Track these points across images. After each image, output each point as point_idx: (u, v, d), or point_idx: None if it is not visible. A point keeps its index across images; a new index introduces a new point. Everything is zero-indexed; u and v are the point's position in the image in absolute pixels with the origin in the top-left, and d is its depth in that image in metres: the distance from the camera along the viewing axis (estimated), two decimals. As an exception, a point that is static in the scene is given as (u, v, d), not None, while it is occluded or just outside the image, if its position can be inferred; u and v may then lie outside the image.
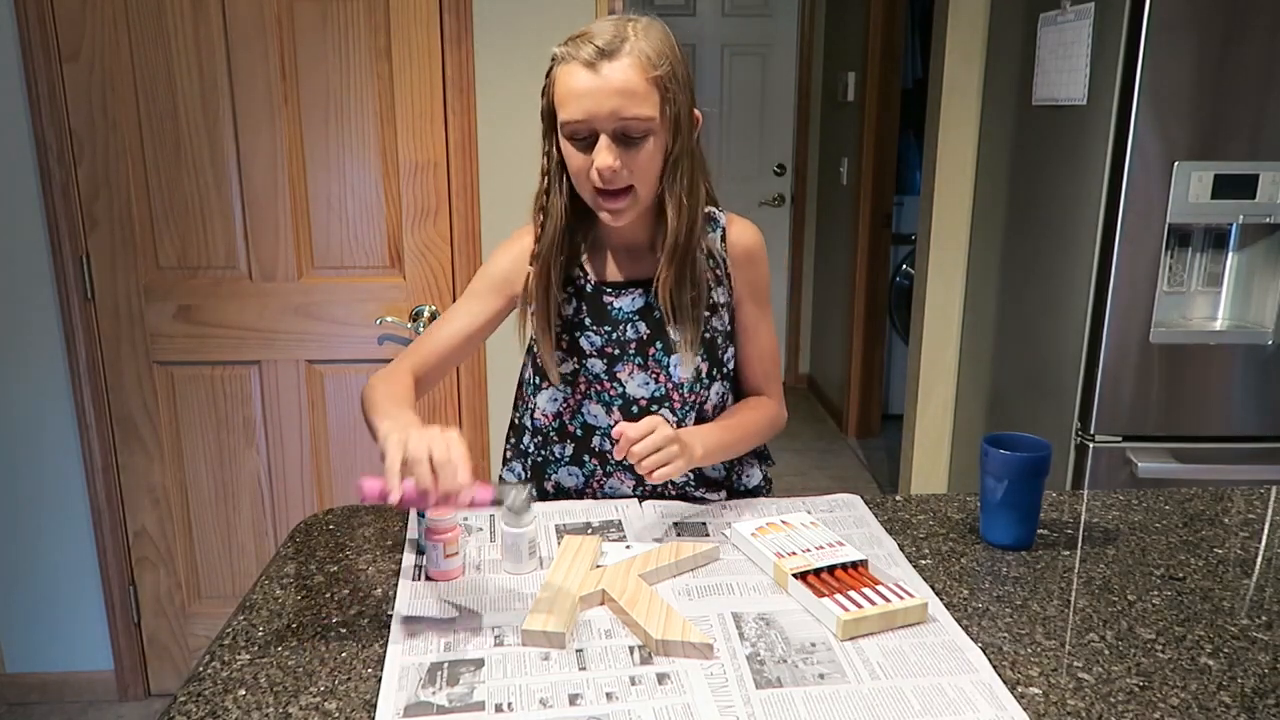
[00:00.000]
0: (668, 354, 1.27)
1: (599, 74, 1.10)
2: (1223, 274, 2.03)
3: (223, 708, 0.89)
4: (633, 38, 1.11)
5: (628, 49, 1.10)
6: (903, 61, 3.95)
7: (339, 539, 1.23)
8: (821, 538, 1.16)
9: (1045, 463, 1.19)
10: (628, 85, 1.10)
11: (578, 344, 1.28)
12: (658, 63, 1.11)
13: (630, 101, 1.10)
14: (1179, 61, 1.84)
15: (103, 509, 2.26)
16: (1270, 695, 0.90)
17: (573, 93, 1.11)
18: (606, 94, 1.10)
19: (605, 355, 1.28)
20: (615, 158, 1.12)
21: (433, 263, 2.19)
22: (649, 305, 1.26)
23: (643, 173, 1.15)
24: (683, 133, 1.17)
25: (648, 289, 1.26)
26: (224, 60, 2.06)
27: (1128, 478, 2.02)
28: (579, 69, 1.11)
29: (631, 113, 1.11)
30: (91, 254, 2.14)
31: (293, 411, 2.25)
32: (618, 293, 1.27)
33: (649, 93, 1.11)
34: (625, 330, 1.27)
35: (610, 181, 1.13)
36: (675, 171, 1.17)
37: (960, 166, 2.66)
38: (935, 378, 2.82)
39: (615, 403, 1.30)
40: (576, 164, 1.15)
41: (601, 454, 1.33)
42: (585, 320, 1.28)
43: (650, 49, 1.11)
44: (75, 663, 2.37)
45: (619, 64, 1.10)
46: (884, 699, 0.89)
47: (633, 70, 1.10)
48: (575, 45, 1.12)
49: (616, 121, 1.11)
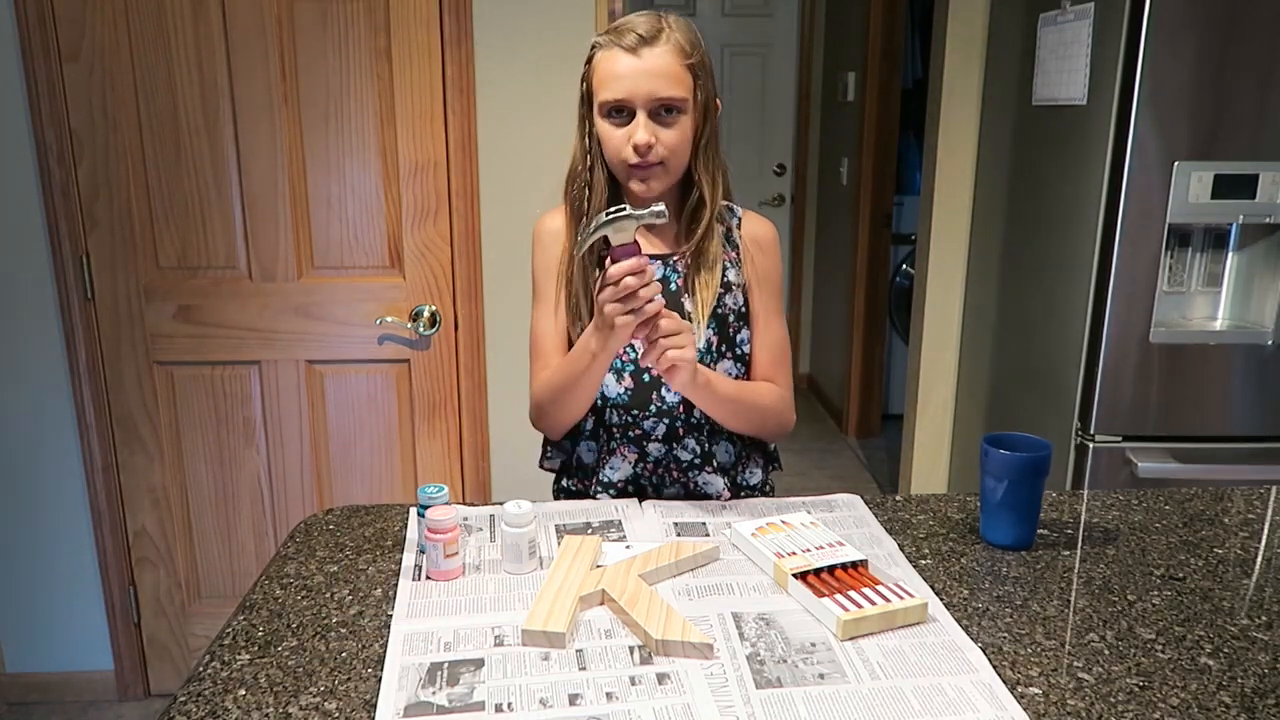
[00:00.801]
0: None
1: (640, 58, 1.22)
2: (1223, 274, 2.03)
3: (223, 708, 0.89)
4: (669, 29, 1.25)
5: (665, 38, 1.23)
6: (903, 61, 3.95)
7: (339, 539, 1.24)
8: (821, 538, 1.16)
9: (1045, 463, 1.19)
10: (666, 68, 1.23)
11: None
12: (691, 52, 1.25)
13: (667, 83, 1.23)
14: (1179, 61, 1.84)
15: (103, 509, 2.26)
16: (1270, 695, 0.90)
17: (615, 74, 1.23)
18: (647, 75, 1.22)
19: None
20: (651, 133, 1.23)
21: (433, 263, 2.19)
22: (665, 278, 1.32)
23: (675, 148, 1.25)
24: (710, 117, 1.29)
25: (664, 263, 1.33)
26: (224, 60, 2.06)
27: (1128, 478, 2.01)
28: (621, 54, 1.23)
29: (668, 93, 1.23)
30: (91, 254, 2.14)
31: (293, 411, 2.25)
32: None
33: (683, 76, 1.24)
34: None
35: (645, 155, 1.23)
36: (707, 150, 1.30)
37: (960, 166, 2.66)
38: (935, 378, 2.82)
39: (627, 369, 1.34)
40: (615, 140, 1.25)
41: (609, 427, 1.36)
42: None
43: (684, 40, 1.25)
44: (75, 663, 2.37)
45: (658, 49, 1.23)
46: (884, 699, 0.89)
47: (670, 56, 1.23)
48: (618, 34, 1.24)
49: (654, 101, 1.23)
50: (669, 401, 1.33)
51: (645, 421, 1.34)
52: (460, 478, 2.32)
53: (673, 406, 1.33)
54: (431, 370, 2.25)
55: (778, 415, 1.36)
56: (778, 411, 1.36)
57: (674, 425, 1.34)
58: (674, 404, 1.33)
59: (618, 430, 1.36)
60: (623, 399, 1.34)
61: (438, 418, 2.28)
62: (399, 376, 2.25)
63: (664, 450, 1.35)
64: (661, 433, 1.34)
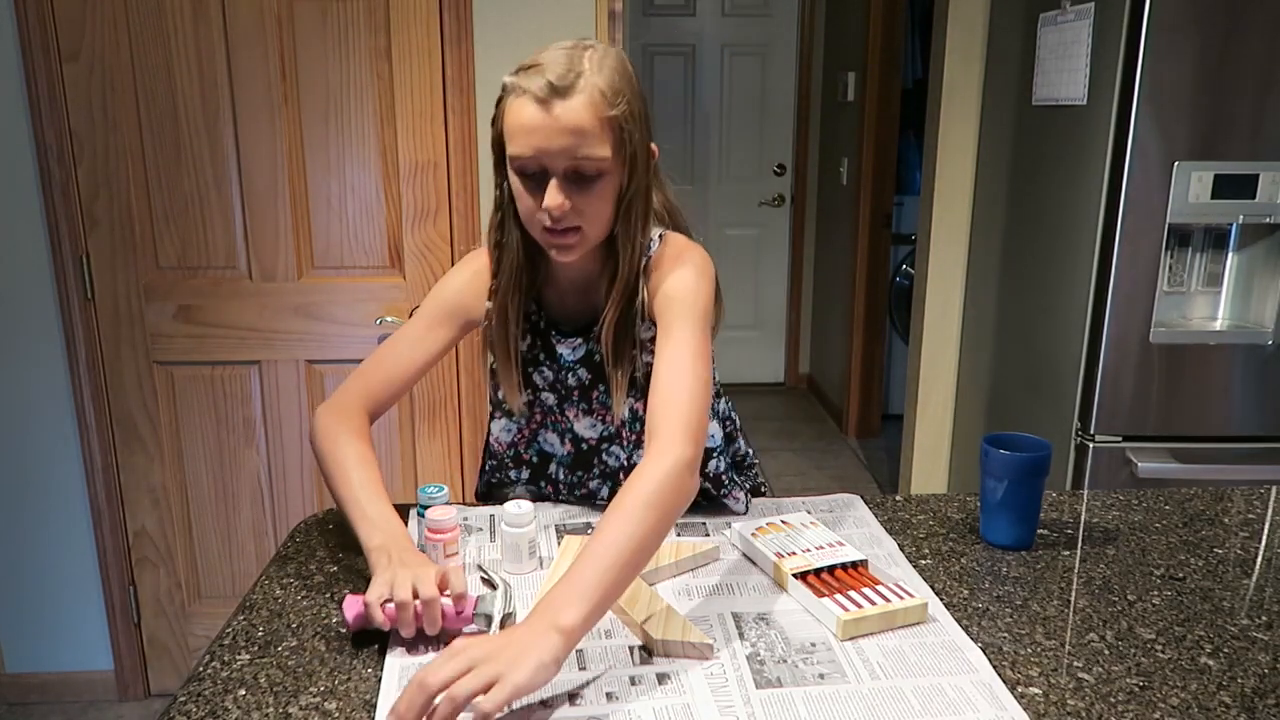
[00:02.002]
0: (609, 394, 1.21)
1: (550, 112, 1.03)
2: (1223, 274, 2.03)
3: (223, 708, 0.89)
4: (587, 71, 1.04)
5: (581, 85, 1.03)
6: (903, 61, 3.95)
7: (339, 539, 1.23)
8: (821, 538, 1.16)
9: (1045, 463, 1.19)
10: (580, 124, 1.03)
11: (531, 378, 1.26)
12: (613, 100, 1.04)
13: (583, 141, 1.04)
14: (1179, 61, 1.84)
15: (103, 509, 2.26)
16: (1270, 695, 0.90)
17: (523, 128, 1.04)
18: (558, 132, 1.03)
19: (555, 391, 1.27)
20: (565, 198, 1.05)
21: (433, 263, 2.19)
22: (590, 352, 1.22)
23: (593, 213, 1.08)
24: (638, 171, 1.10)
25: (587, 335, 1.22)
26: (224, 60, 2.06)
27: (1128, 478, 2.01)
28: (530, 104, 1.03)
29: (584, 153, 1.04)
30: (91, 254, 2.14)
31: (293, 411, 2.25)
32: (562, 338, 1.24)
33: (603, 132, 1.04)
34: (568, 377, 1.25)
35: (559, 221, 1.07)
36: (629, 213, 1.11)
37: (960, 166, 2.66)
38: (935, 378, 2.82)
39: (567, 434, 1.29)
40: (525, 201, 1.09)
41: (556, 481, 1.32)
42: (540, 355, 1.25)
43: (605, 84, 1.04)
44: (75, 663, 2.37)
45: (573, 101, 1.03)
46: (884, 699, 0.89)
47: (586, 109, 1.03)
48: (527, 76, 1.04)
49: (568, 160, 1.04)
50: (610, 465, 1.29)
51: (591, 482, 1.31)
52: (460, 478, 2.32)
53: (614, 470, 1.29)
54: (431, 370, 2.24)
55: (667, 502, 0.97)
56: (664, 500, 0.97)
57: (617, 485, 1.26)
58: (616, 468, 1.28)
59: (564, 486, 1.32)
60: (567, 460, 1.30)
61: (438, 418, 2.28)
62: (399, 376, 2.25)
63: None
64: (606, 493, 1.30)
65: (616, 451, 1.28)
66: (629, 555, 0.92)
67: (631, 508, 0.95)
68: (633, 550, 0.93)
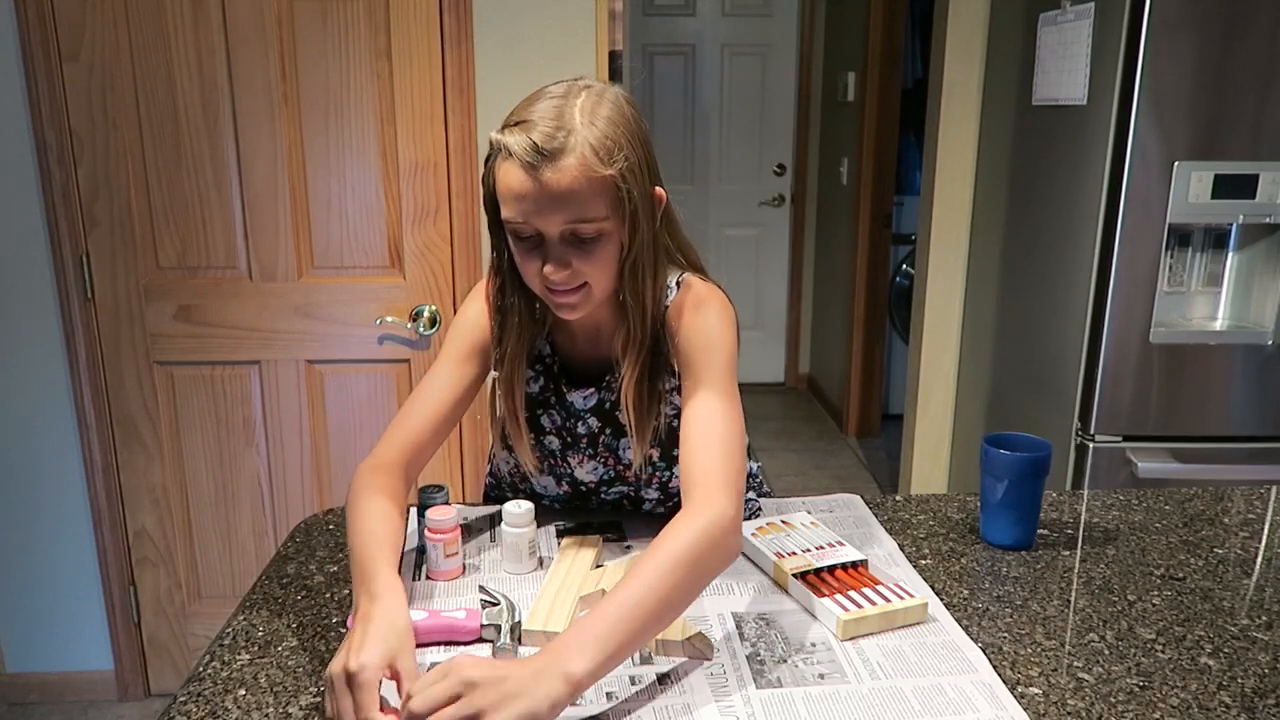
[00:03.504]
0: (617, 438, 1.20)
1: (539, 179, 0.96)
2: (1223, 274, 2.03)
3: (223, 708, 0.89)
4: (578, 127, 0.97)
5: (572, 144, 0.96)
6: (903, 61, 3.95)
7: (339, 539, 1.23)
8: (821, 538, 1.16)
9: (1045, 463, 1.19)
10: (573, 189, 0.97)
11: (538, 421, 1.22)
12: (606, 159, 0.97)
13: (577, 206, 0.98)
14: (1179, 61, 1.84)
15: (103, 509, 2.26)
16: (1270, 695, 0.90)
17: (513, 194, 0.99)
18: (549, 200, 0.97)
19: (561, 438, 1.23)
20: (565, 263, 1.01)
21: (433, 263, 2.19)
22: (601, 400, 1.19)
23: (597, 273, 1.03)
24: (641, 225, 1.03)
25: (599, 385, 1.18)
26: (224, 60, 2.06)
27: (1128, 478, 2.01)
28: (517, 169, 0.98)
29: (579, 216, 0.99)
30: (91, 254, 2.14)
31: (293, 411, 2.25)
32: (574, 387, 1.20)
33: (598, 194, 0.98)
34: (577, 425, 1.21)
35: (560, 285, 1.03)
36: (635, 271, 1.05)
37: (960, 166, 2.66)
38: (935, 378, 2.82)
39: (565, 478, 1.26)
40: (525, 267, 1.05)
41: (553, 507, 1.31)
42: (550, 399, 1.22)
43: (597, 141, 0.97)
44: (75, 663, 2.37)
45: (562, 165, 0.96)
46: (884, 699, 0.89)
47: (578, 171, 0.96)
48: (513, 135, 0.98)
49: (563, 225, 0.99)
50: (609, 501, 1.28)
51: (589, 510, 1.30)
52: (460, 478, 2.32)
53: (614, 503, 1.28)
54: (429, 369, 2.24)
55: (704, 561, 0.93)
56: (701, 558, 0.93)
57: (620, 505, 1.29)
58: (614, 501, 1.28)
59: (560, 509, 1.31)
60: (562, 499, 1.30)
61: (438, 418, 2.27)
62: (399, 376, 2.25)
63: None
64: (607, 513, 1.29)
65: (618, 490, 1.26)
66: (652, 611, 0.87)
67: (663, 562, 0.90)
68: (657, 606, 0.88)
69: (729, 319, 1.12)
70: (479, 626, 0.98)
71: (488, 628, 0.98)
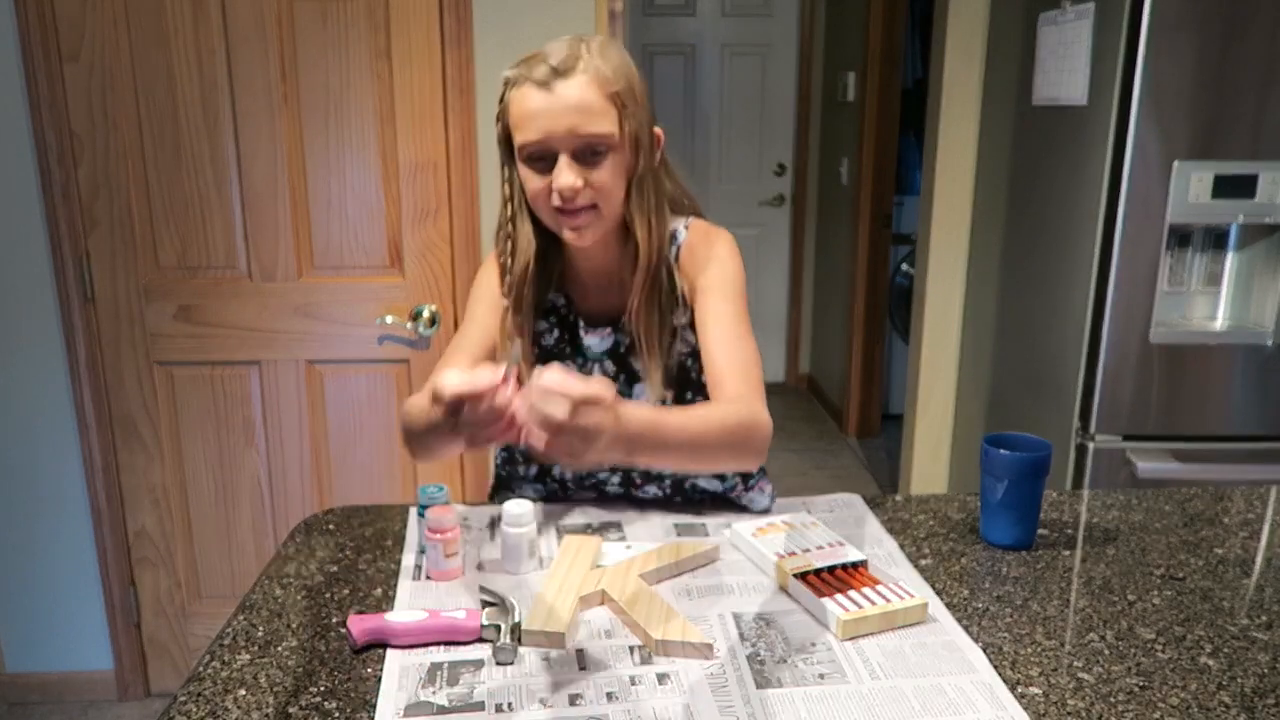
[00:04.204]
0: (631, 384, 1.23)
1: (553, 92, 1.06)
2: (1223, 274, 2.03)
3: (223, 708, 0.89)
4: (586, 55, 1.07)
5: (582, 66, 1.06)
6: (903, 61, 3.95)
7: (339, 539, 1.24)
8: (821, 538, 1.16)
9: (1045, 463, 1.19)
10: (584, 102, 1.06)
11: None
12: (614, 80, 1.08)
13: (587, 118, 1.06)
14: (1179, 61, 1.84)
15: (103, 509, 2.26)
16: (1270, 695, 0.90)
17: (528, 114, 1.07)
18: (562, 111, 1.06)
19: None
20: (576, 176, 1.07)
21: (433, 263, 2.19)
22: (617, 343, 1.23)
23: (605, 190, 1.10)
24: (643, 150, 1.12)
25: (616, 325, 1.22)
26: (224, 60, 2.06)
27: (1128, 478, 2.01)
28: (532, 90, 1.07)
29: (589, 129, 1.07)
30: (91, 254, 2.14)
31: (293, 411, 2.25)
32: (590, 328, 1.24)
33: (606, 109, 1.07)
34: (593, 369, 1.24)
35: (571, 200, 1.08)
36: (641, 192, 1.13)
37: (960, 166, 2.66)
38: (935, 378, 2.82)
39: None
40: (535, 186, 1.10)
41: (563, 481, 1.33)
42: (565, 350, 1.26)
43: (605, 66, 1.08)
44: (75, 663, 2.37)
45: (574, 81, 1.06)
46: (884, 699, 0.89)
47: (588, 87, 1.06)
48: (528, 66, 1.08)
49: (574, 139, 1.07)
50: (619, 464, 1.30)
51: (599, 473, 1.31)
52: (460, 478, 2.32)
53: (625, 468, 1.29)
54: (431, 370, 2.24)
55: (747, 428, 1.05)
56: (740, 419, 1.04)
57: (630, 475, 1.30)
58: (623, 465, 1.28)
59: (571, 483, 1.32)
60: None
61: (438, 418, 2.27)
62: (399, 376, 2.25)
63: (622, 491, 1.32)
64: (618, 481, 1.31)
65: None
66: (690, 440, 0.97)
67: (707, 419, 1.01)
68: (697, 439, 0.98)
69: (738, 253, 1.21)
70: (479, 626, 0.98)
71: (488, 628, 0.98)
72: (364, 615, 0.99)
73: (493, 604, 1.02)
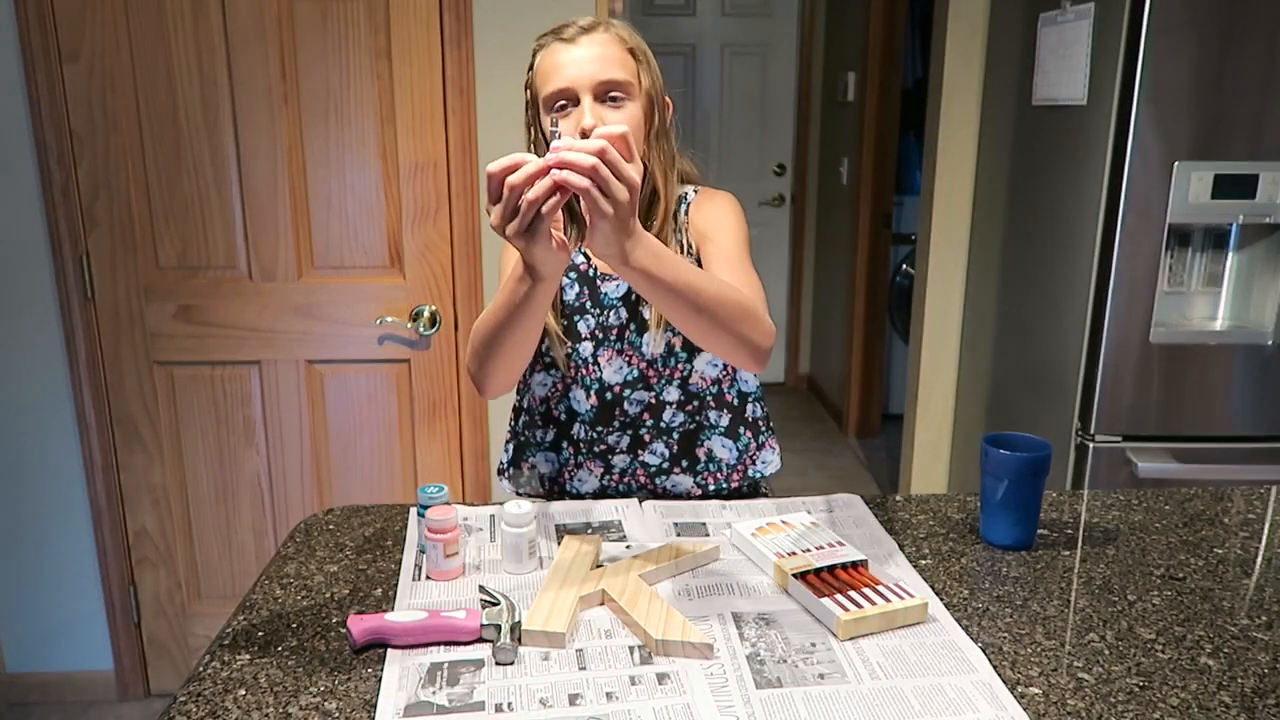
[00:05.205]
0: (640, 333, 1.30)
1: (580, 45, 1.20)
2: (1223, 274, 2.03)
3: (223, 708, 0.89)
4: (608, 22, 1.24)
5: (604, 27, 1.23)
6: (903, 61, 3.95)
7: (339, 539, 1.23)
8: (821, 538, 1.16)
9: (1045, 463, 1.19)
10: (606, 51, 1.20)
11: (575, 328, 1.31)
12: (632, 40, 1.24)
13: (609, 66, 1.20)
14: (1179, 61, 1.84)
15: (103, 509, 2.26)
16: (1270, 695, 0.90)
17: (555, 64, 1.21)
18: (587, 60, 1.19)
19: (594, 338, 1.31)
20: (598, 116, 1.18)
21: (433, 263, 2.19)
22: (629, 290, 1.30)
23: None
24: (657, 110, 1.25)
25: None
26: (224, 60, 2.06)
27: (1128, 478, 2.01)
28: (560, 45, 1.21)
29: (610, 75, 1.19)
30: (91, 254, 2.14)
31: (293, 411, 2.25)
32: (607, 278, 1.31)
33: (626, 60, 1.22)
34: (609, 316, 1.30)
35: None
36: (659, 141, 1.26)
37: (960, 166, 2.66)
38: (935, 378, 2.82)
39: (594, 387, 1.32)
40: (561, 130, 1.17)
41: (576, 442, 1.36)
42: (586, 304, 1.31)
43: (625, 31, 1.24)
44: (75, 663, 2.37)
45: (598, 35, 1.21)
46: (884, 699, 0.89)
47: (610, 43, 1.21)
48: (557, 31, 1.23)
49: (597, 84, 1.19)
50: (630, 413, 1.33)
51: (610, 436, 1.34)
52: (460, 478, 2.32)
53: (635, 417, 1.33)
54: (431, 370, 2.25)
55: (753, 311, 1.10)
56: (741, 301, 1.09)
57: (638, 433, 1.34)
58: (636, 414, 1.33)
59: (584, 445, 1.36)
60: (589, 415, 1.34)
61: (438, 418, 2.28)
62: (399, 376, 2.25)
63: (629, 460, 1.35)
64: (626, 444, 1.34)
65: (639, 397, 1.32)
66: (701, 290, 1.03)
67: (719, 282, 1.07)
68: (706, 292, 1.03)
69: (742, 213, 1.32)
70: (479, 626, 0.98)
71: (488, 628, 0.98)
72: (364, 615, 0.99)
73: (493, 604, 1.02)
